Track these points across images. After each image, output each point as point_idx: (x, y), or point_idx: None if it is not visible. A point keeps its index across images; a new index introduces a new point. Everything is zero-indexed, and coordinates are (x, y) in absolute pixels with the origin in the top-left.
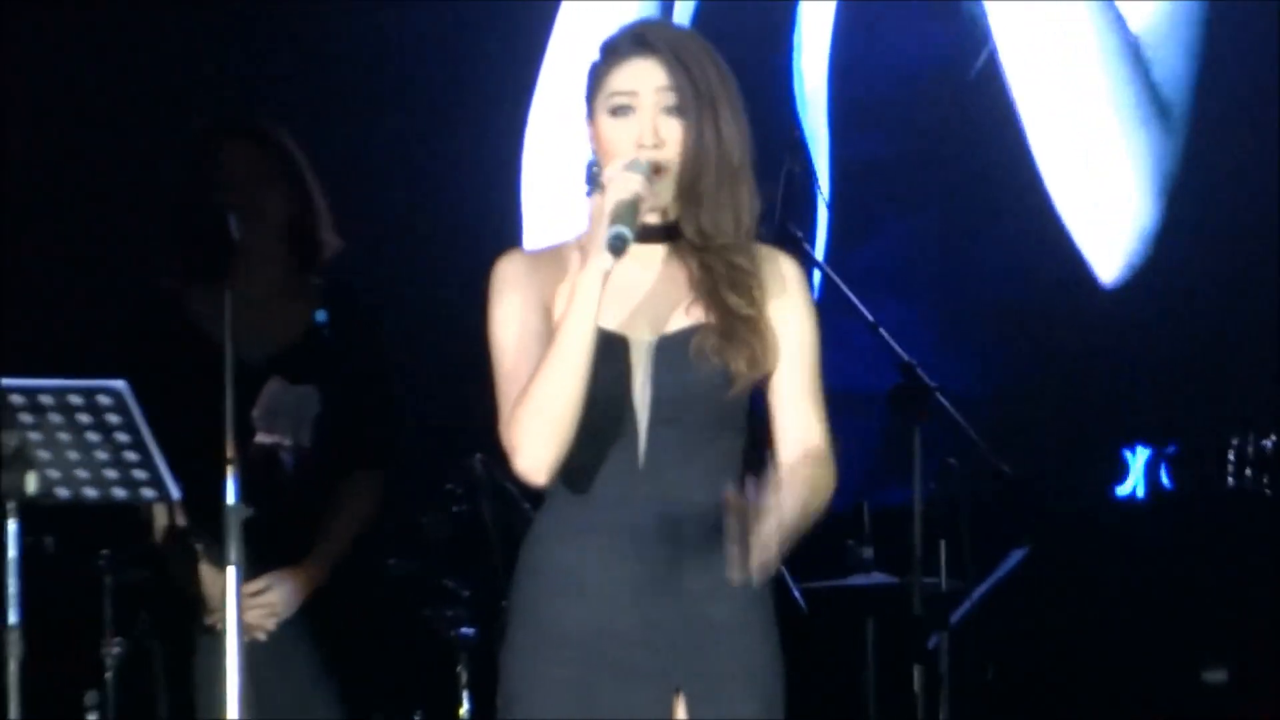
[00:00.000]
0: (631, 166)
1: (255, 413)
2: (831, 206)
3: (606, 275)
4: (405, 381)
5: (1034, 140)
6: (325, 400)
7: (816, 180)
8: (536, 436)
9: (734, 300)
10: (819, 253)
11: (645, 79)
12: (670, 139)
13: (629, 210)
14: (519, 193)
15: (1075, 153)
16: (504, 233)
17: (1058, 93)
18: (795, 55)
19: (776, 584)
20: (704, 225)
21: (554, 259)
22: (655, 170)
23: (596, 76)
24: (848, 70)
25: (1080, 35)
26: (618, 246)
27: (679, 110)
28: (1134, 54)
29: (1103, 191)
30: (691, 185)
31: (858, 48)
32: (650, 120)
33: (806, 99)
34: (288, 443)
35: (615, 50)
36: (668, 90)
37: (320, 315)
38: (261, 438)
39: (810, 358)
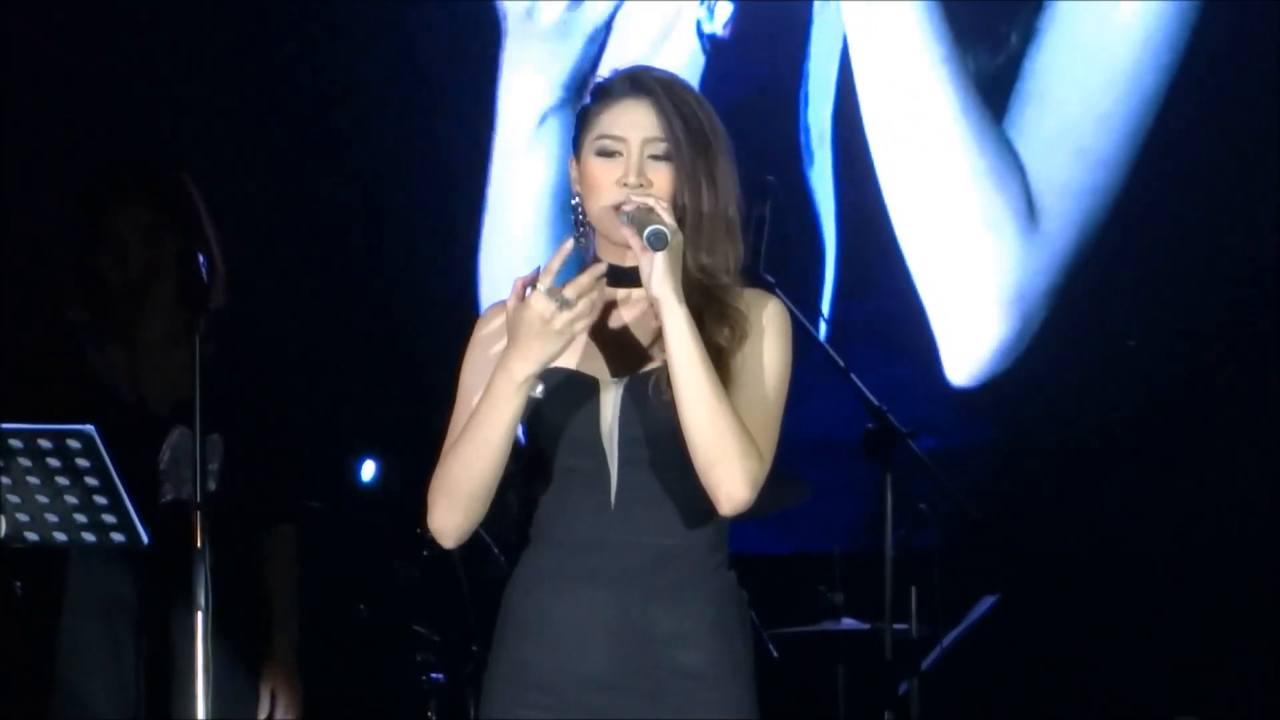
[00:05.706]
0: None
1: (161, 465)
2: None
3: (528, 381)
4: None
5: (902, 237)
6: (228, 448)
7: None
8: (446, 506)
9: (713, 334)
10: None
11: (635, 123)
12: (658, 181)
13: (651, 214)
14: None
15: (940, 255)
16: (463, 302)
17: (923, 194)
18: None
19: (755, 631)
20: (702, 263)
21: None
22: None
23: (587, 116)
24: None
25: (949, 140)
26: (658, 242)
27: (667, 157)
28: (1009, 160)
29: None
30: (688, 229)
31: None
32: (636, 162)
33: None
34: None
35: (608, 92)
36: (657, 138)
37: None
38: (168, 490)
39: (765, 385)
